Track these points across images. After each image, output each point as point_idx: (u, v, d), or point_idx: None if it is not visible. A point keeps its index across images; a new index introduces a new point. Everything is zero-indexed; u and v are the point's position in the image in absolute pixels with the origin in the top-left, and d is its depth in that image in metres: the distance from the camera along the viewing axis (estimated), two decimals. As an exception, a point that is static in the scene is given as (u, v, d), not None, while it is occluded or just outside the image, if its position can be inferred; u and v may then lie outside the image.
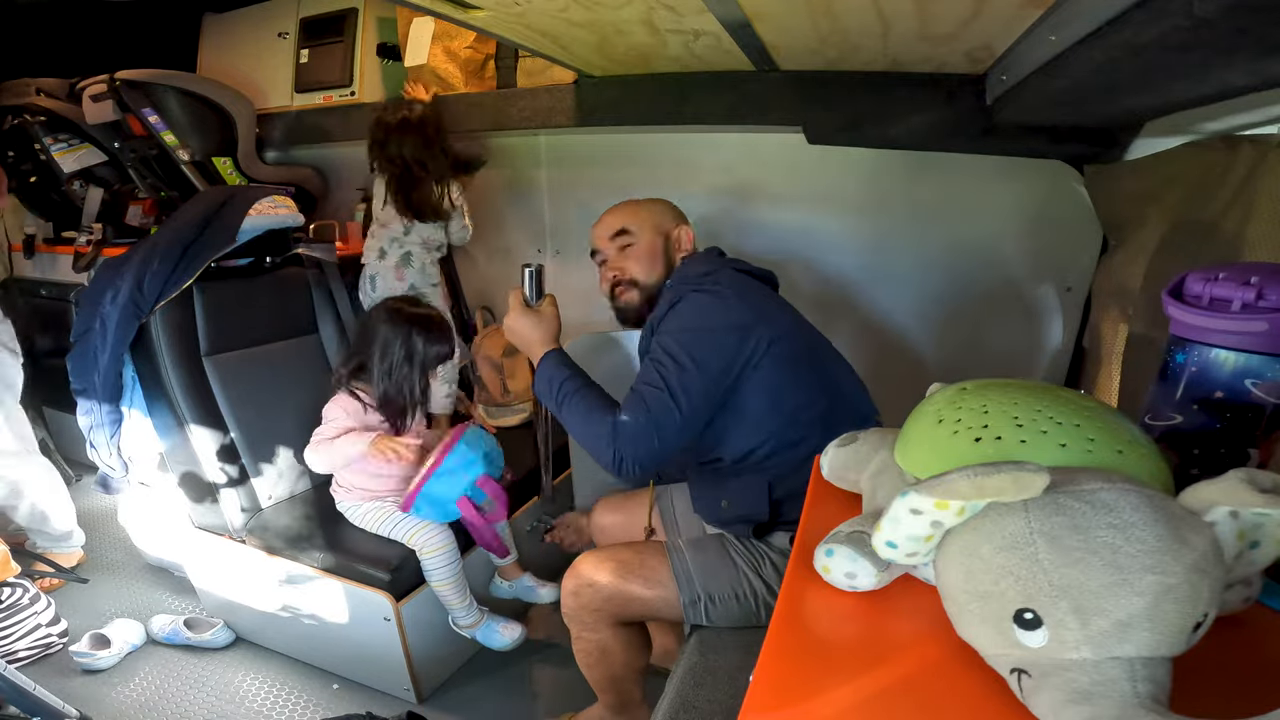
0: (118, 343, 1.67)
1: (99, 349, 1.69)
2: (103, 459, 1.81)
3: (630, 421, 1.16)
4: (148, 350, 1.70)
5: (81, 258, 2.18)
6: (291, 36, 2.52)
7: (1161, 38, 0.71)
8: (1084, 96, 1.12)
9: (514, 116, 2.17)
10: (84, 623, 1.89)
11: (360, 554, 1.64)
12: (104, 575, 2.16)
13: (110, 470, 1.83)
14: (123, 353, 1.69)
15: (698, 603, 1.22)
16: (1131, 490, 0.44)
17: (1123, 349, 1.25)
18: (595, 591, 1.27)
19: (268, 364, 1.85)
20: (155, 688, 1.72)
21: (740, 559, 1.24)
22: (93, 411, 1.75)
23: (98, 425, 1.76)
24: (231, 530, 1.78)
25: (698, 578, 1.23)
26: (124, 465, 1.82)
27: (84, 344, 1.72)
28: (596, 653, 1.34)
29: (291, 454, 1.85)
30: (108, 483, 1.89)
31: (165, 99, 2.38)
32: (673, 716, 1.08)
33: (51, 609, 1.87)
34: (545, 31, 1.51)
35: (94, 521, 2.36)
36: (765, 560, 1.23)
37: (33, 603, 1.83)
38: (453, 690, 1.75)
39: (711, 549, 1.27)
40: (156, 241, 1.73)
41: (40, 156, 2.33)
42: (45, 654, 1.82)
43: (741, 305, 1.23)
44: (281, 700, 1.69)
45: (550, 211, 2.48)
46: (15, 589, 1.82)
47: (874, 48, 1.44)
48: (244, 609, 1.84)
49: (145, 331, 1.69)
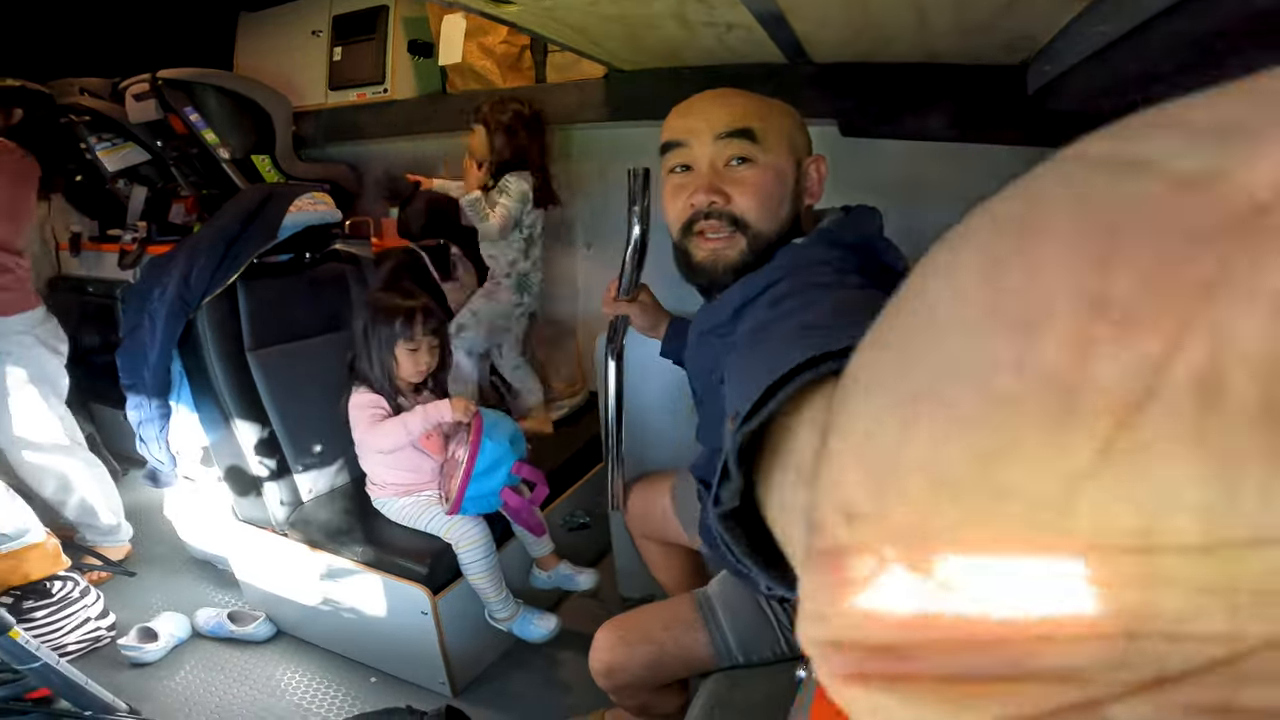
0: (166, 338, 1.71)
1: (148, 345, 1.72)
2: (151, 453, 1.85)
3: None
4: (194, 345, 1.74)
5: (127, 255, 2.23)
6: (324, 34, 2.55)
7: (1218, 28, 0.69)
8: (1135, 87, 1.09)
9: (545, 112, 2.18)
10: (131, 616, 1.93)
11: (397, 548, 1.66)
12: (150, 568, 2.21)
13: (159, 464, 1.87)
14: (171, 348, 1.73)
15: (731, 653, 1.15)
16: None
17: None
18: (629, 675, 1.19)
19: (308, 359, 1.88)
20: (200, 681, 1.76)
21: (780, 617, 1.13)
22: (142, 406, 1.79)
23: (147, 420, 1.80)
24: (274, 523, 1.81)
25: (734, 639, 1.13)
26: (171, 459, 1.86)
27: (133, 340, 1.76)
28: (636, 708, 1.31)
29: (332, 448, 1.88)
30: (156, 476, 1.93)
31: (205, 97, 2.43)
32: (706, 713, 1.08)
33: (100, 602, 1.91)
34: (576, 26, 1.51)
35: (140, 515, 2.42)
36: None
37: (82, 596, 1.87)
38: (487, 684, 1.76)
39: (747, 608, 1.15)
40: (201, 239, 1.76)
41: (85, 156, 2.39)
42: (94, 647, 1.86)
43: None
44: (321, 694, 1.71)
45: (581, 206, 2.49)
46: (65, 583, 1.87)
47: (909, 39, 1.42)
48: (285, 602, 1.87)
49: (192, 327, 1.72)
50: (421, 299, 1.71)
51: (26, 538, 1.80)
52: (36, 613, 1.76)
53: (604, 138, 2.32)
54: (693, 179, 0.91)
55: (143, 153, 2.47)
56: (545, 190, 2.13)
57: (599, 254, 2.48)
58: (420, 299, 1.71)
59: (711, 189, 0.88)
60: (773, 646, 1.13)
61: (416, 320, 1.66)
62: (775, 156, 0.89)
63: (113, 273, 2.36)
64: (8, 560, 1.75)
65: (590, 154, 2.40)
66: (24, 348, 1.94)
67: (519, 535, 1.80)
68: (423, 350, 1.68)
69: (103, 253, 2.48)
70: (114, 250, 2.35)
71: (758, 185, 0.88)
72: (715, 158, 0.89)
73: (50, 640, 1.75)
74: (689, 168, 0.92)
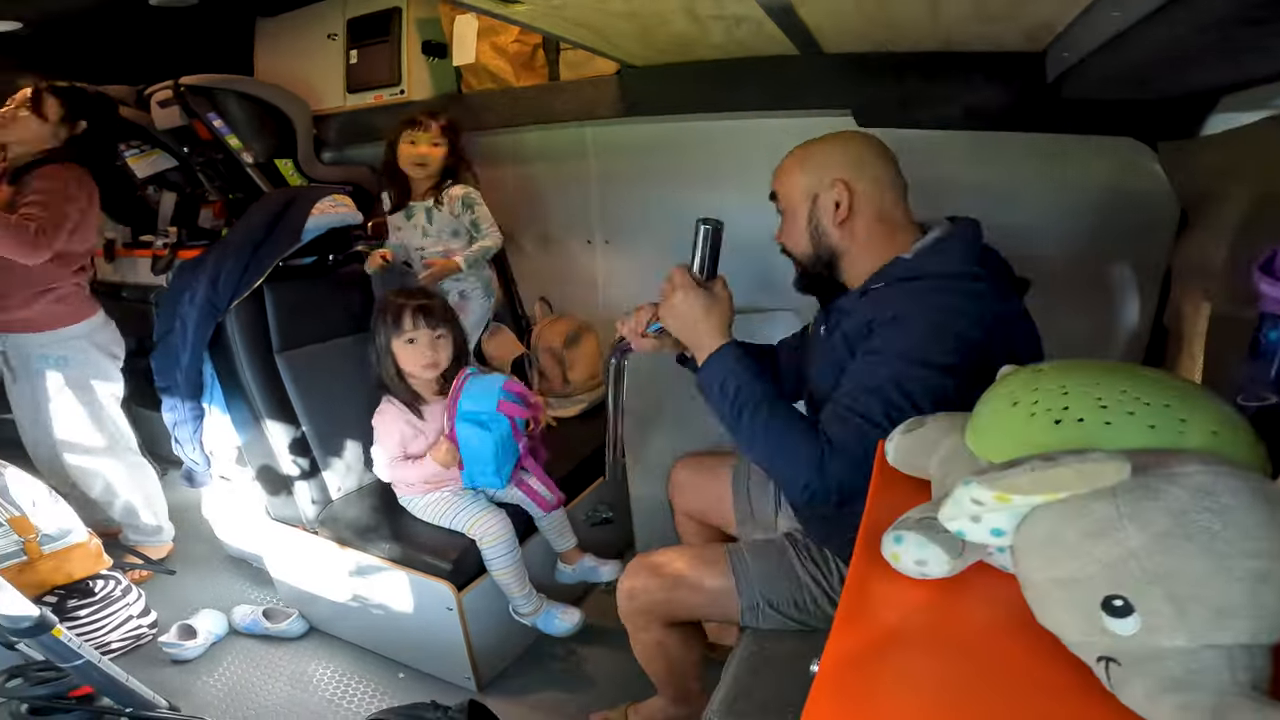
0: (198, 341, 1.75)
1: (180, 348, 1.77)
2: (187, 454, 1.90)
3: (845, 446, 0.97)
4: (224, 348, 1.78)
5: (159, 260, 2.28)
6: (340, 38, 2.57)
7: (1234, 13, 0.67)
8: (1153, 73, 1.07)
9: (558, 110, 2.19)
10: (171, 614, 1.98)
11: (423, 544, 1.69)
12: (189, 567, 2.28)
13: (194, 464, 1.92)
14: (202, 350, 1.78)
15: (756, 608, 1.20)
16: (1228, 473, 0.42)
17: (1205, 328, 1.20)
18: (649, 596, 1.27)
19: (334, 359, 1.92)
20: (236, 677, 1.81)
21: (804, 571, 1.20)
22: (176, 408, 1.84)
23: (181, 421, 1.85)
24: (305, 521, 1.86)
25: (758, 584, 1.20)
26: (206, 459, 1.91)
27: (166, 344, 1.81)
28: (652, 650, 1.36)
29: (358, 447, 1.92)
30: (192, 477, 1.98)
31: (227, 103, 2.47)
32: (729, 705, 1.09)
33: (142, 600, 1.97)
34: (586, 23, 1.51)
35: (179, 514, 2.49)
36: (834, 572, 1.18)
37: (124, 595, 1.93)
38: (512, 679, 1.79)
39: (774, 557, 1.23)
40: (228, 243, 1.81)
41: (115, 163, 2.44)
42: (136, 645, 1.91)
43: (976, 336, 0.98)
44: (351, 689, 1.76)
45: (599, 202, 2.49)
46: (108, 581, 1.92)
47: (924, 27, 1.40)
48: (317, 599, 1.92)
49: (222, 330, 1.77)
50: (419, 297, 1.74)
51: (70, 538, 1.86)
52: (80, 611, 1.82)
53: (619, 134, 2.32)
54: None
55: (170, 159, 2.52)
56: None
57: (616, 250, 2.49)
58: (418, 296, 1.74)
59: (779, 234, 1.23)
60: (794, 594, 1.18)
61: (406, 313, 1.68)
62: (793, 205, 1.17)
63: (146, 278, 2.41)
64: (51, 560, 1.82)
65: (606, 150, 2.40)
66: (82, 352, 2.02)
67: (543, 530, 1.84)
68: (422, 343, 1.70)
69: (136, 258, 2.53)
70: (147, 256, 2.40)
71: (785, 230, 1.20)
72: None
73: (93, 638, 1.81)
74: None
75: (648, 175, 2.29)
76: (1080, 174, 1.71)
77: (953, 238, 1.11)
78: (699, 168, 2.18)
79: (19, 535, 1.76)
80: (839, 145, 1.15)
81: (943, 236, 1.12)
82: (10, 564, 1.74)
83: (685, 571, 1.25)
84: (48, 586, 1.82)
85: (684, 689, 1.44)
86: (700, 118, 2.05)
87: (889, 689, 0.51)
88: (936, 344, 0.97)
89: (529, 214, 2.68)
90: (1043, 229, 1.79)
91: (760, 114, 1.95)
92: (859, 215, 1.12)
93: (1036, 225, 1.79)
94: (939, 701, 0.49)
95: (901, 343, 0.99)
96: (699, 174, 2.19)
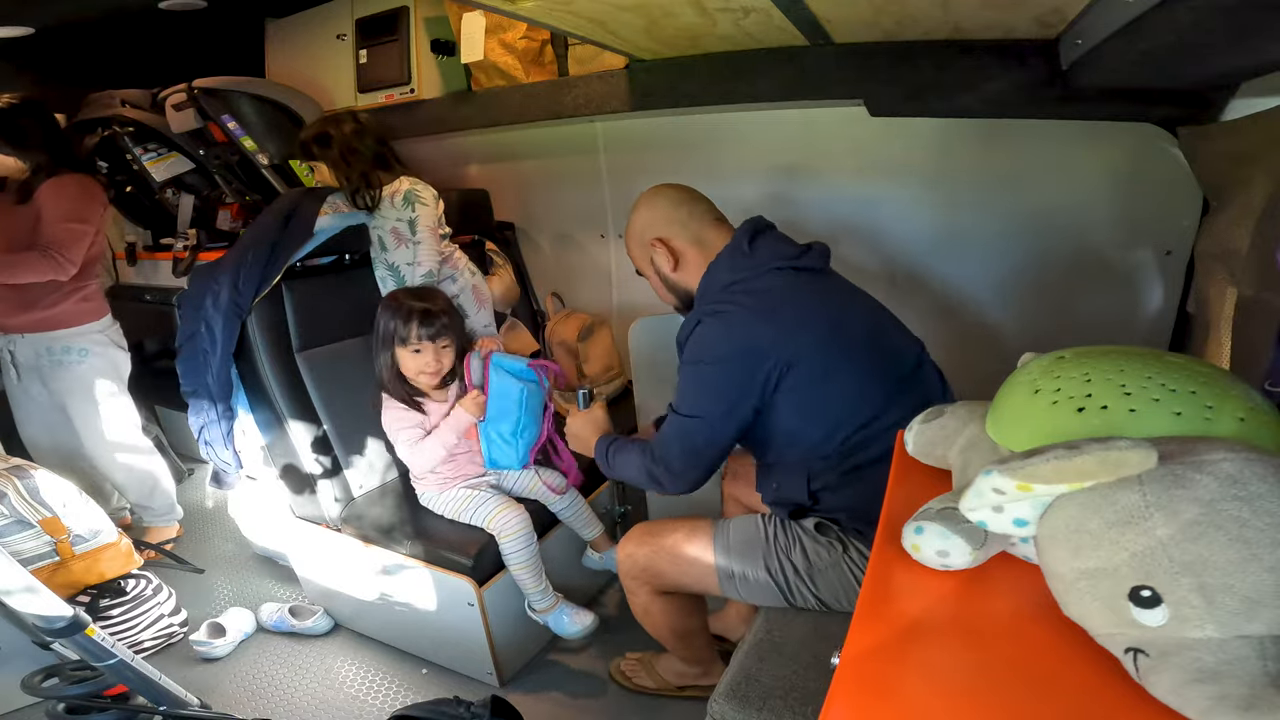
0: (226, 343, 1.76)
1: (209, 351, 1.78)
2: (218, 456, 1.91)
3: (667, 458, 1.29)
4: (247, 349, 1.80)
5: (180, 263, 2.31)
6: (349, 38, 2.58)
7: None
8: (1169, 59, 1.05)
9: (568, 105, 2.18)
10: (201, 612, 2.02)
11: (444, 541, 1.71)
12: (217, 565, 2.32)
13: (225, 466, 1.93)
14: (231, 352, 1.78)
15: (732, 578, 1.30)
16: (1257, 460, 0.41)
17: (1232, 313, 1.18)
18: (634, 562, 1.40)
19: (352, 358, 1.93)
20: (264, 674, 1.84)
21: (773, 540, 1.30)
22: (206, 411, 1.85)
23: (211, 424, 1.86)
24: (328, 520, 1.88)
25: (735, 551, 1.31)
26: (238, 461, 1.93)
27: (191, 347, 1.81)
28: (640, 611, 1.48)
29: (378, 444, 1.94)
30: (221, 478, 2.00)
31: (240, 105, 2.48)
32: (734, 689, 1.12)
33: (173, 599, 2.00)
34: (593, 18, 1.50)
35: (207, 514, 2.53)
36: (796, 544, 1.27)
37: (155, 594, 1.96)
38: (533, 674, 1.80)
39: (750, 527, 1.34)
40: (246, 243, 1.81)
41: (133, 167, 2.47)
42: (168, 643, 1.95)
43: (757, 327, 1.21)
44: (375, 685, 1.78)
45: (610, 196, 2.50)
46: (139, 581, 1.96)
47: (934, 16, 1.38)
48: (341, 596, 1.95)
49: (244, 331, 1.79)
50: (424, 302, 1.71)
51: (100, 538, 1.90)
52: (112, 611, 1.86)
53: (629, 128, 2.32)
54: None
55: (187, 162, 2.53)
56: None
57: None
58: (423, 301, 1.71)
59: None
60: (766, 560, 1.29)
61: (414, 323, 1.67)
62: (642, 269, 1.44)
63: (168, 280, 2.43)
64: (84, 560, 1.86)
65: (616, 144, 2.40)
66: (102, 346, 2.15)
67: (567, 522, 1.86)
68: (427, 355, 1.69)
69: (157, 261, 2.56)
70: (168, 258, 2.42)
71: (653, 287, 1.45)
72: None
73: (126, 637, 1.85)
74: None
75: (659, 168, 2.28)
76: (1099, 161, 1.69)
77: (721, 261, 1.32)
78: (710, 160, 2.18)
79: (51, 536, 1.79)
80: (644, 211, 1.39)
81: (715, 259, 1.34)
82: (44, 564, 1.78)
83: (670, 538, 1.36)
84: (80, 587, 1.86)
85: (694, 654, 1.57)
86: (710, 110, 2.04)
87: (911, 681, 0.51)
88: (707, 350, 1.25)
89: (542, 210, 2.69)
90: (1062, 216, 1.77)
91: (771, 105, 1.94)
92: (684, 256, 1.36)
93: (1055, 212, 1.77)
94: (962, 694, 0.48)
95: (691, 351, 1.28)
96: (710, 166, 2.18)
